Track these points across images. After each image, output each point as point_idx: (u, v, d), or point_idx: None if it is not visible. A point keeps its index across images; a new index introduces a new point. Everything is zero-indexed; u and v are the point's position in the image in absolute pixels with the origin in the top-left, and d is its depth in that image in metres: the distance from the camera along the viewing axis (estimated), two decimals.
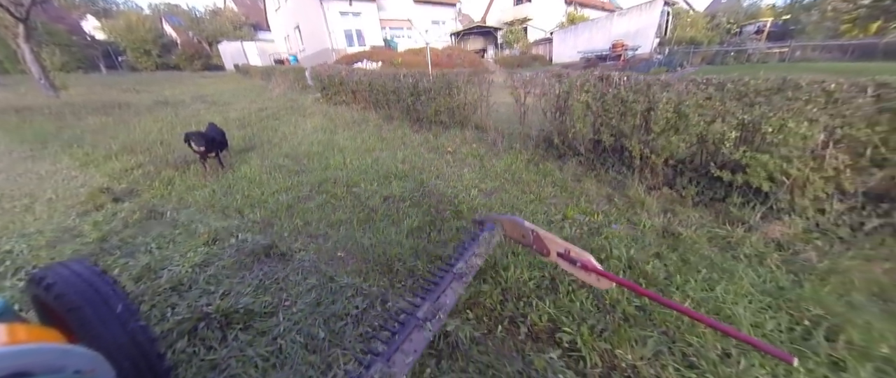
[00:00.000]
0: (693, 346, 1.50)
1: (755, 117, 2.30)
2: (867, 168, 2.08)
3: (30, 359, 0.75)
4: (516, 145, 4.10)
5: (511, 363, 1.43)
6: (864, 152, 2.06)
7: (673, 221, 2.48)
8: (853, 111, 2.04)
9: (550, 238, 1.37)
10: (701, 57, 19.07)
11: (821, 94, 2.12)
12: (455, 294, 1.22)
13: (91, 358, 0.86)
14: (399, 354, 0.98)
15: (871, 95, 2.01)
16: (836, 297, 1.72)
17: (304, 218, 2.84)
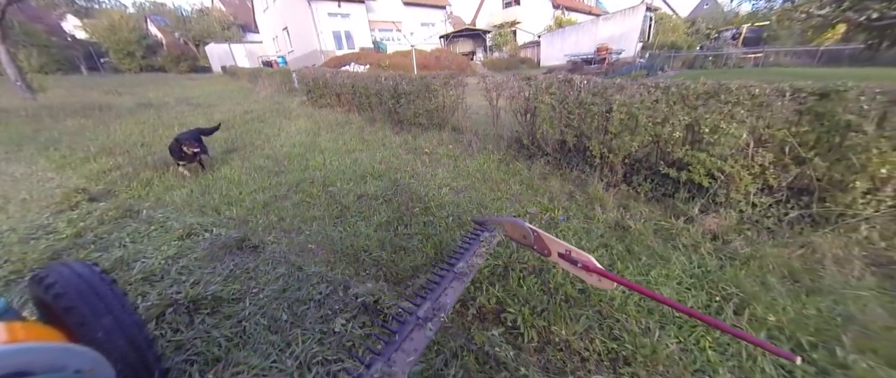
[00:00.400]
0: (620, 322, 1.67)
1: (694, 119, 2.52)
2: (788, 165, 2.31)
3: (30, 358, 0.75)
4: (489, 146, 4.29)
5: (455, 340, 1.58)
6: (784, 150, 2.29)
7: (625, 215, 2.68)
8: (774, 113, 2.27)
9: (551, 239, 1.37)
10: (682, 61, 19.76)
11: (747, 98, 2.35)
12: (455, 294, 1.22)
13: (91, 357, 0.86)
14: (400, 353, 0.98)
15: (789, 99, 2.24)
16: (752, 279, 1.93)
17: (279, 215, 2.95)
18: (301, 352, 1.51)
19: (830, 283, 1.86)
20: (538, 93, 3.46)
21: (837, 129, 2.07)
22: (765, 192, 2.42)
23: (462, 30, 25.97)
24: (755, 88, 2.33)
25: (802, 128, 2.25)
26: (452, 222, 2.70)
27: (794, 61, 17.08)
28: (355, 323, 1.70)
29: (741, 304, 1.74)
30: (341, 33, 20.31)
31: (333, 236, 2.56)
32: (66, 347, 0.84)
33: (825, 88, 2.13)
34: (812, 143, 2.23)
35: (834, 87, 2.09)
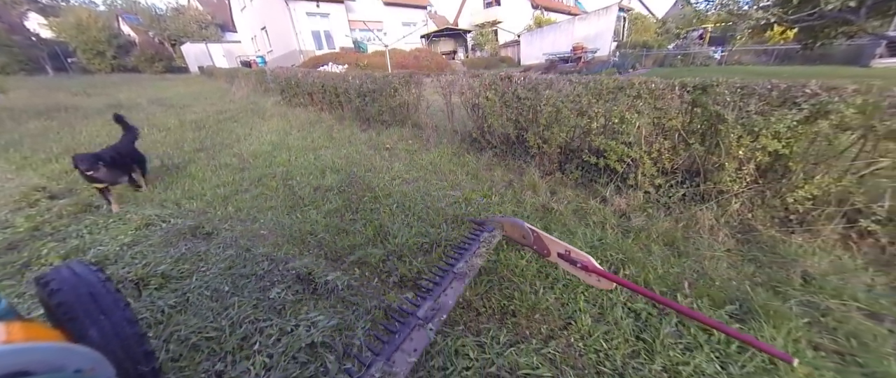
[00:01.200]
0: (516, 284, 1.97)
1: (606, 111, 2.86)
2: (679, 150, 2.67)
3: (29, 357, 0.74)
4: (445, 140, 4.57)
5: (372, 300, 1.85)
6: (676, 137, 2.65)
7: (552, 199, 3.00)
8: (668, 105, 2.63)
9: (551, 239, 1.37)
10: (653, 59, 20.60)
11: (647, 92, 2.70)
12: (455, 294, 1.23)
13: (91, 357, 0.85)
14: (400, 353, 0.98)
15: (678, 93, 2.60)
16: (638, 246, 2.27)
17: (237, 206, 3.15)
18: (236, 314, 1.75)
19: (698, 248, 2.21)
20: (481, 89, 3.76)
21: (710, 118, 2.43)
22: (664, 174, 2.78)
23: (443, 30, 26.21)
24: (652, 83, 2.68)
25: (689, 118, 2.62)
26: (396, 209, 2.96)
27: (752, 59, 18.10)
28: (289, 291, 1.95)
29: (621, 264, 2.07)
30: (320, 33, 20.24)
31: (285, 223, 2.79)
32: (65, 347, 0.83)
33: (703, 83, 2.49)
34: (696, 131, 2.59)
35: (710, 82, 2.46)
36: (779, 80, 2.27)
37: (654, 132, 2.73)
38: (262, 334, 1.63)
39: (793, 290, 1.81)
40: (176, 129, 6.83)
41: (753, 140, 2.24)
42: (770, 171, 2.38)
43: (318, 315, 1.74)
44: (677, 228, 2.43)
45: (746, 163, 2.33)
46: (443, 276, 1.30)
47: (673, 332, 1.58)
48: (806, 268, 1.94)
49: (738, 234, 2.34)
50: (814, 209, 2.21)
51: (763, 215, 2.39)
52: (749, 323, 1.63)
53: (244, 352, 1.54)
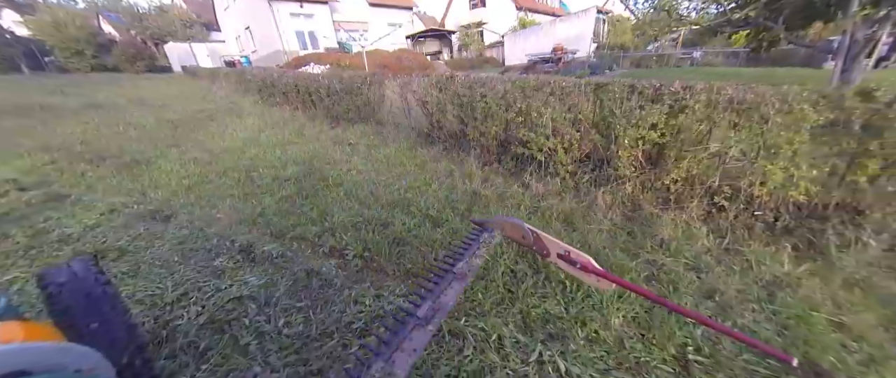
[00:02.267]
0: (422, 251, 2.33)
1: (527, 106, 3.25)
2: (586, 141, 3.08)
3: (29, 357, 0.74)
4: (402, 136, 4.92)
5: (301, 266, 2.19)
6: (583, 130, 3.06)
7: (483, 186, 3.38)
8: (576, 101, 3.03)
9: (550, 240, 1.37)
10: (630, 61, 21.34)
11: (559, 90, 3.09)
12: (455, 294, 1.23)
13: (91, 356, 0.85)
14: (400, 353, 0.98)
15: (584, 91, 3.00)
16: (540, 223, 2.65)
17: (198, 194, 3.44)
18: (180, 277, 2.07)
19: (589, 223, 2.61)
20: (428, 88, 4.13)
21: (606, 112, 2.84)
22: (576, 162, 3.18)
23: (427, 31, 26.54)
24: (563, 82, 3.08)
25: (594, 112, 3.02)
26: (343, 195, 3.30)
27: (723, 61, 18.94)
28: (231, 260, 2.27)
29: None
30: (304, 33, 20.35)
31: (240, 207, 3.10)
32: (65, 347, 0.83)
33: (601, 82, 2.90)
34: (597, 124, 3.00)
35: (607, 81, 2.87)
36: (657, 81, 2.69)
37: (565, 125, 3.12)
38: (199, 291, 1.96)
39: (645, 252, 2.21)
40: (152, 128, 7.02)
41: (636, 131, 2.65)
42: (654, 158, 2.80)
43: (251, 276, 2.08)
44: (580, 208, 2.83)
45: (634, 151, 2.74)
46: (442, 277, 1.29)
47: (532, 284, 1.95)
48: (663, 236, 2.35)
49: (628, 212, 2.75)
50: (684, 189, 2.63)
51: (651, 196, 2.80)
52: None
53: (181, 303, 1.86)
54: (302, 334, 1.65)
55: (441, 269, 1.33)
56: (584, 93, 2.96)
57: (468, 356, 1.50)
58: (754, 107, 2.15)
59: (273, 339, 1.63)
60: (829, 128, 2.05)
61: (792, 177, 2.13)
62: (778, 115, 2.05)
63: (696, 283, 1.94)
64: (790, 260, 2.03)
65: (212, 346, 1.59)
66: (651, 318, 1.67)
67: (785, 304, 1.75)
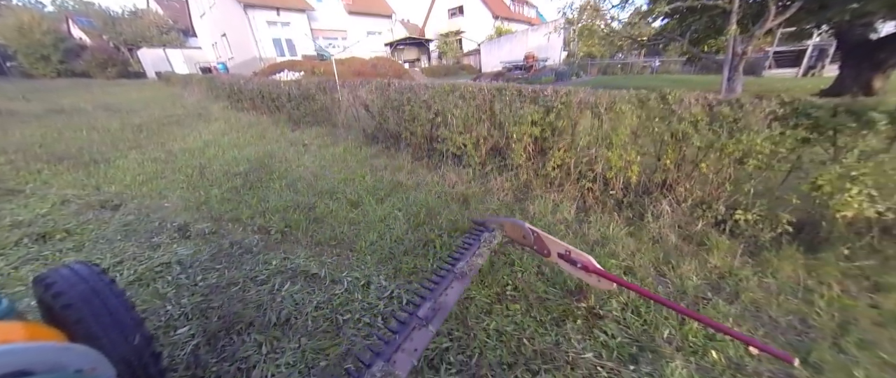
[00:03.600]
0: (333, 226, 2.79)
1: (441, 108, 3.78)
2: (488, 136, 3.62)
3: (29, 357, 0.75)
4: (351, 137, 5.39)
5: (228, 239, 2.60)
6: (487, 127, 3.60)
7: (407, 177, 3.86)
8: (480, 101, 3.57)
9: (551, 239, 1.38)
10: (597, 68, 22.62)
11: (467, 93, 3.64)
12: (456, 294, 1.24)
13: (91, 356, 0.85)
14: (400, 353, 0.98)
15: (485, 94, 3.56)
16: (441, 203, 3.15)
17: (151, 188, 3.78)
18: (119, 250, 2.45)
19: (482, 202, 3.13)
20: (370, 94, 4.62)
21: (499, 112, 3.40)
22: (486, 155, 3.72)
23: (406, 39, 27.20)
24: (471, 87, 3.63)
25: (492, 112, 3.58)
26: (284, 186, 3.72)
27: (680, 69, 20.38)
28: (168, 237, 2.66)
29: (432, 215, 2.92)
30: (282, 41, 20.61)
31: (187, 197, 3.47)
32: (66, 347, 0.84)
33: (500, 86, 3.46)
34: (495, 122, 3.55)
35: (499, 86, 3.43)
36: (541, 87, 3.26)
37: (474, 124, 3.67)
38: (134, 259, 2.35)
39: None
40: (116, 131, 7.20)
41: (521, 128, 3.21)
42: (539, 150, 3.37)
43: (181, 248, 2.48)
44: (479, 191, 3.35)
45: (523, 144, 3.30)
46: (443, 277, 1.28)
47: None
48: (534, 211, 2.89)
49: (519, 194, 3.29)
50: (562, 175, 3.20)
51: (540, 182, 3.36)
52: None
53: (116, 268, 2.25)
54: (213, 284, 2.08)
55: (442, 269, 1.30)
56: (486, 96, 3.51)
57: (338, 294, 1.97)
58: (594, 107, 2.73)
59: (188, 288, 2.04)
60: (646, 123, 2.65)
61: (627, 162, 2.71)
62: (607, 113, 2.64)
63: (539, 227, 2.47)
64: (617, 225, 2.60)
65: (136, 296, 1.99)
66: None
67: (600, 253, 2.30)
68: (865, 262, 1.95)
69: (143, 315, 1.52)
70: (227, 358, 1.55)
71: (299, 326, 1.74)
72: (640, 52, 24.11)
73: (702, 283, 2.00)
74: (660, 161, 2.67)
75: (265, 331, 1.70)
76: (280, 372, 1.46)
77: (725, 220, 2.42)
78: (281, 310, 1.85)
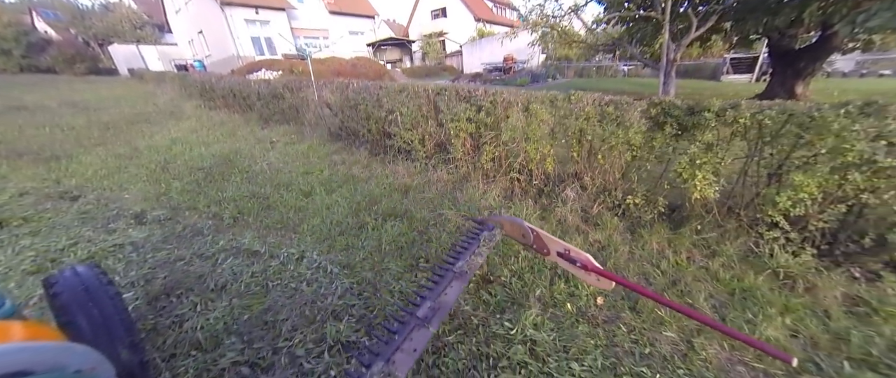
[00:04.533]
0: (279, 211, 3.07)
1: (391, 107, 4.11)
2: (435, 133, 3.98)
3: (30, 357, 0.75)
4: (316, 135, 5.64)
5: (182, 224, 2.84)
6: (429, 124, 3.96)
7: (360, 171, 4.16)
8: (424, 101, 3.92)
9: (550, 238, 1.37)
10: (574, 71, 23.47)
11: (412, 93, 3.98)
12: (456, 293, 1.23)
13: (91, 356, 0.86)
14: (400, 353, 0.98)
15: (429, 94, 3.91)
16: (383, 191, 3.47)
17: (112, 181, 3.94)
18: (75, 234, 2.66)
19: (423, 192, 3.47)
20: (332, 94, 4.90)
21: (439, 111, 3.76)
22: (432, 150, 4.07)
23: (388, 39, 27.39)
24: (415, 87, 3.97)
25: (435, 110, 3.93)
26: (243, 179, 3.95)
27: (650, 73, 21.43)
28: (124, 223, 2.88)
29: (372, 199, 3.24)
30: (261, 39, 20.43)
31: (148, 189, 3.66)
32: (66, 346, 0.84)
33: (441, 87, 3.81)
34: (437, 120, 3.91)
35: (440, 87, 3.78)
36: (474, 87, 3.64)
37: (421, 121, 4.01)
38: (89, 242, 2.57)
39: (447, 209, 3.10)
40: (81, 129, 7.17)
41: (457, 124, 3.57)
42: (476, 145, 3.74)
43: (135, 232, 2.71)
44: (421, 182, 3.69)
45: (461, 140, 3.66)
46: (443, 276, 1.29)
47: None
48: (465, 198, 3.26)
49: (457, 185, 3.66)
50: (494, 168, 3.58)
51: (478, 174, 3.73)
52: (403, 220, 2.85)
53: (71, 249, 2.47)
54: (161, 260, 2.33)
55: (441, 268, 1.31)
56: (430, 95, 3.86)
57: (273, 266, 2.27)
58: (513, 105, 3.12)
59: (137, 263, 2.30)
60: (559, 120, 3.05)
61: (543, 155, 3.11)
62: (523, 112, 3.03)
63: (464, 212, 2.84)
64: (531, 210, 2.99)
65: None
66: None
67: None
68: (709, 235, 2.39)
69: None
70: (165, 314, 1.83)
71: (233, 290, 2.03)
72: (615, 56, 25.20)
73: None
74: (570, 154, 3.09)
75: (202, 294, 1.99)
76: (208, 323, 1.75)
77: (620, 205, 2.84)
78: (219, 279, 2.13)
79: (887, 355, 1.54)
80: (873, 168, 1.76)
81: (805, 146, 1.99)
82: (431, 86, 3.94)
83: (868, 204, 1.94)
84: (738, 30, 6.98)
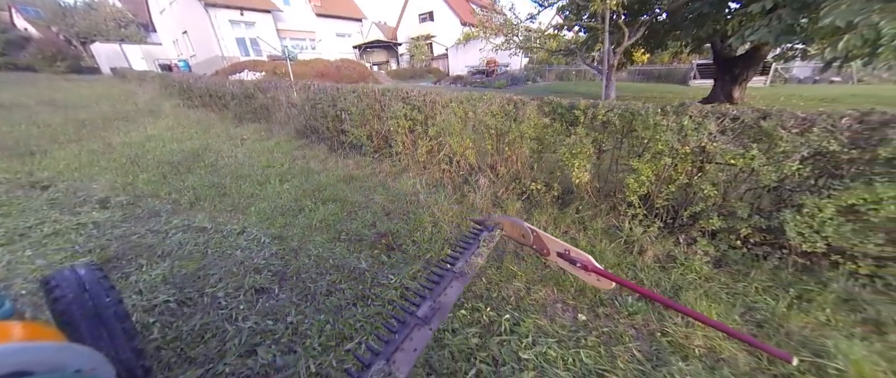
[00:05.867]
0: (243, 199, 3.48)
1: (343, 107, 4.55)
2: (383, 128, 4.43)
3: (29, 357, 0.75)
4: (283, 132, 6.04)
5: (142, 208, 3.22)
6: (378, 119, 4.41)
7: (316, 164, 4.58)
8: (372, 101, 4.37)
9: (550, 239, 1.39)
10: (554, 74, 24.27)
11: (362, 94, 4.43)
12: (456, 293, 1.25)
13: (91, 357, 0.86)
14: (400, 353, 0.99)
15: (376, 95, 4.36)
16: (333, 180, 3.90)
17: (83, 174, 4.28)
18: (43, 216, 3.02)
19: (362, 182, 3.91)
20: (296, 94, 5.31)
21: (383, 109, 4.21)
22: (377, 144, 4.52)
23: (374, 42, 27.80)
24: (367, 89, 4.42)
25: (380, 109, 4.38)
26: (208, 172, 4.33)
27: (626, 77, 22.35)
28: (90, 207, 3.24)
29: (318, 189, 3.66)
30: (246, 40, 20.63)
31: (115, 180, 4.02)
32: (66, 347, 0.85)
33: (387, 88, 4.27)
34: (381, 118, 4.36)
35: (385, 89, 4.24)
36: (411, 88, 4.10)
37: (370, 119, 4.46)
38: (55, 222, 2.93)
39: (377, 194, 3.54)
40: (58, 126, 7.40)
41: (397, 122, 4.02)
42: (413, 140, 4.20)
43: (98, 214, 3.08)
44: (365, 173, 4.13)
45: (401, 136, 4.12)
46: (443, 276, 1.31)
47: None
48: (398, 187, 3.71)
49: (397, 175, 4.10)
50: (428, 160, 4.04)
51: (416, 165, 4.19)
52: (338, 204, 3.29)
53: (39, 227, 2.83)
54: (118, 235, 2.72)
55: (441, 268, 1.35)
56: (377, 96, 4.32)
57: (215, 238, 2.68)
58: (438, 105, 3.60)
59: (96, 237, 2.68)
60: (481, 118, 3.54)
61: (464, 148, 3.59)
62: (444, 110, 3.51)
63: (391, 196, 3.29)
64: (450, 196, 3.46)
65: (51, 243, 2.60)
66: None
67: (432, 215, 3.13)
68: (586, 214, 2.90)
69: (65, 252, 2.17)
70: (114, 272, 2.23)
71: (176, 255, 2.44)
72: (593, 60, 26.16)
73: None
74: (486, 147, 3.57)
75: (149, 258, 2.39)
76: (150, 277, 2.16)
77: (526, 191, 3.34)
78: (166, 248, 2.54)
79: (669, 293, 2.05)
80: (677, 155, 2.28)
81: (638, 138, 2.50)
82: (379, 88, 4.39)
83: (691, 184, 2.45)
84: (658, 43, 7.83)
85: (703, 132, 2.21)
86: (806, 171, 2.00)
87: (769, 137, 2.06)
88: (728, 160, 2.17)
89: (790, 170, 1.99)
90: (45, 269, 2.24)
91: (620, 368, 1.58)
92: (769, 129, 2.04)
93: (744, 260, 2.25)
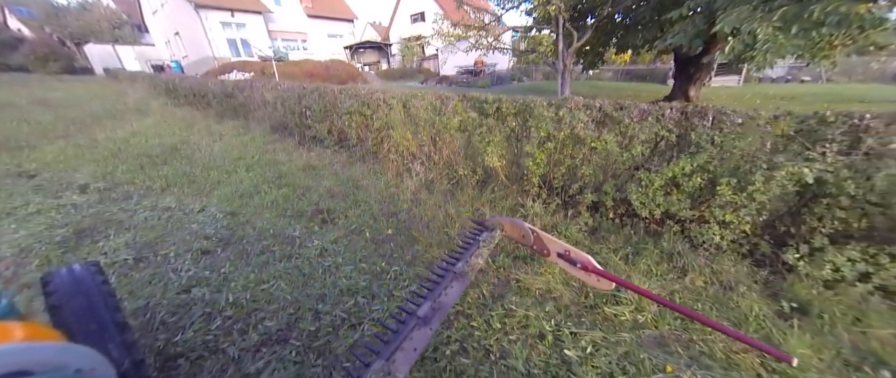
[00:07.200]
0: (209, 186, 3.92)
1: (307, 105, 4.99)
2: (340, 123, 4.88)
3: (29, 357, 0.75)
4: (260, 128, 6.48)
5: (117, 192, 3.66)
6: (336, 115, 4.86)
7: (283, 156, 5.02)
8: (331, 99, 4.82)
9: (550, 239, 1.40)
10: (541, 73, 24.80)
11: (322, 93, 4.88)
12: (456, 293, 1.26)
13: (92, 356, 0.86)
14: (400, 352, 0.99)
15: (339, 91, 4.81)
16: (310, 177, 4.34)
17: (67, 165, 4.70)
18: (27, 199, 3.45)
19: (320, 171, 4.36)
20: (267, 93, 5.75)
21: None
22: (336, 138, 4.97)
23: (365, 42, 28.22)
24: (326, 88, 4.87)
25: (336, 106, 4.83)
26: (184, 162, 4.76)
27: (610, 76, 22.95)
28: (70, 192, 3.67)
29: (274, 175, 4.11)
30: (237, 41, 21.00)
31: (96, 170, 4.45)
32: (66, 346, 0.85)
33: (341, 89, 4.72)
34: (339, 113, 4.82)
35: (342, 88, 4.69)
36: (361, 87, 4.56)
37: (329, 114, 4.91)
38: (38, 203, 3.37)
39: (326, 180, 3.99)
40: (48, 124, 7.79)
41: (351, 118, 4.47)
42: (367, 133, 4.66)
43: (77, 198, 3.52)
44: (323, 164, 4.58)
45: (356, 130, 4.57)
46: (443, 276, 1.32)
47: None
48: (352, 173, 4.16)
49: (351, 165, 4.55)
50: (386, 152, 4.49)
51: (369, 156, 4.64)
52: (291, 188, 3.74)
53: (24, 208, 3.27)
54: (92, 213, 3.16)
55: (441, 268, 1.36)
56: (335, 94, 4.77)
57: (177, 215, 3.12)
58: (381, 102, 4.06)
59: (73, 214, 3.12)
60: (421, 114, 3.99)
61: (406, 140, 4.04)
62: (385, 106, 3.97)
63: (339, 182, 3.75)
64: (391, 180, 3.92)
65: (33, 221, 3.03)
66: None
67: (371, 196, 3.58)
68: (499, 194, 3.36)
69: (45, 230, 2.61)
70: (83, 241, 2.67)
71: (140, 227, 2.89)
72: (577, 61, 26.71)
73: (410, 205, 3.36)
74: (423, 138, 4.03)
75: (117, 230, 2.84)
76: (115, 244, 2.61)
77: (455, 176, 3.80)
78: (132, 223, 2.98)
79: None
80: (557, 140, 2.75)
81: (530, 128, 2.97)
82: (338, 87, 4.84)
83: (575, 166, 2.92)
84: (622, 44, 8.45)
85: (576, 122, 2.68)
86: (647, 152, 2.47)
87: (620, 124, 2.53)
88: (592, 144, 2.64)
89: (636, 151, 2.47)
90: (22, 241, 2.68)
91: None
92: (619, 118, 2.51)
93: (612, 228, 2.72)
